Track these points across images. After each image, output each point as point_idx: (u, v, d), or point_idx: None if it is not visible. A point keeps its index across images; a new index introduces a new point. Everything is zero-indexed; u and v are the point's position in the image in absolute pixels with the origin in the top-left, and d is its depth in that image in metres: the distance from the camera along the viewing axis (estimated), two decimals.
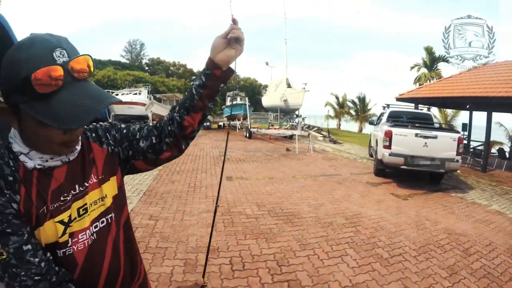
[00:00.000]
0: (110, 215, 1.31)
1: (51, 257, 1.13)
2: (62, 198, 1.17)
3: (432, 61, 37.47)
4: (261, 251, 5.01)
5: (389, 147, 9.95)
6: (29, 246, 1.06)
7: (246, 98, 29.41)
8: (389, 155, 9.91)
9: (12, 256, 1.04)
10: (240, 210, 6.92)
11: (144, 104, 26.87)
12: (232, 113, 32.40)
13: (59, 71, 0.99)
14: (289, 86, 28.23)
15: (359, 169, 12.64)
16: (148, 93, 30.70)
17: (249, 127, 24.38)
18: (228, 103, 37.08)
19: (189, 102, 1.35)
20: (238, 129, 29.84)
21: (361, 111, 44.81)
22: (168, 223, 5.96)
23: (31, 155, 1.13)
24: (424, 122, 11.90)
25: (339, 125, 47.35)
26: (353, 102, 46.50)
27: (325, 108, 48.68)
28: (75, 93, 1.02)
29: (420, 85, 32.42)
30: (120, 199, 1.37)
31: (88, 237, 1.22)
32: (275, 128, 25.37)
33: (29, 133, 1.09)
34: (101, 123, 1.43)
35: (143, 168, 1.47)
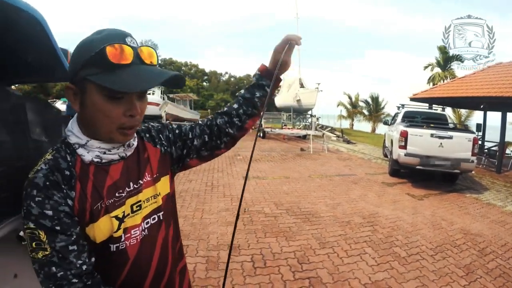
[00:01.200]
0: (161, 213, 1.34)
1: (93, 262, 1.13)
2: (117, 195, 1.19)
3: (445, 61, 37.04)
4: (282, 249, 5.11)
5: (404, 147, 9.94)
6: (75, 247, 1.07)
7: None
8: (405, 155, 9.90)
9: (55, 253, 1.04)
10: (258, 209, 7.04)
11: (158, 104, 27.09)
12: None
13: (130, 50, 1.06)
14: (302, 86, 28.18)
15: (374, 169, 12.67)
16: (161, 93, 30.91)
17: (262, 127, 24.39)
18: None
19: (251, 109, 1.53)
20: (252, 129, 29.77)
21: (374, 111, 44.38)
22: (188, 221, 6.09)
23: (89, 146, 1.16)
24: (439, 122, 11.84)
25: (352, 125, 46.96)
26: (366, 101, 46.11)
27: (338, 108, 48.33)
28: (141, 69, 1.08)
29: (433, 85, 32.16)
30: (170, 197, 1.42)
31: (140, 232, 1.25)
32: (288, 128, 25.31)
33: (91, 112, 1.11)
34: (152, 124, 1.50)
35: (197, 164, 1.57)
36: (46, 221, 1.02)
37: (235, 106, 1.54)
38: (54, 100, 33.71)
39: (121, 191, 1.20)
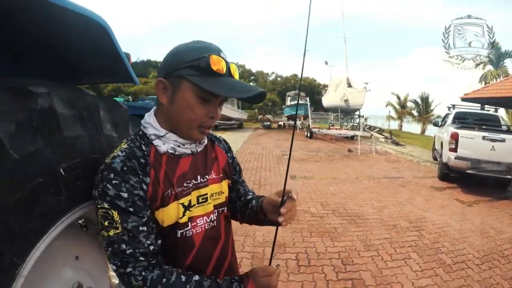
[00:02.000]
0: (224, 208, 1.49)
1: (160, 244, 1.24)
2: (185, 184, 1.32)
3: (498, 58, 34.02)
4: (326, 249, 5.17)
5: (455, 150, 9.54)
6: (145, 228, 1.17)
7: (307, 98, 29.21)
8: (455, 158, 9.50)
9: (126, 232, 1.14)
10: (305, 209, 7.13)
11: None
12: (293, 113, 32.33)
13: (224, 63, 1.21)
14: (349, 85, 27.84)
15: (422, 173, 12.36)
16: None
17: (310, 127, 24.30)
18: (288, 102, 36.99)
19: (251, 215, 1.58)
20: (299, 129, 29.57)
21: (423, 111, 42.65)
22: None
23: (166, 138, 1.28)
24: (491, 124, 11.23)
25: (401, 126, 45.47)
26: (415, 102, 44.24)
27: (386, 109, 46.96)
28: (233, 80, 1.24)
29: (485, 84, 30.67)
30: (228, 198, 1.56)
31: (205, 222, 1.38)
32: (336, 129, 25.10)
33: (179, 107, 1.23)
34: (225, 139, 1.69)
35: None
36: (121, 202, 1.13)
37: (252, 205, 1.59)
38: None
39: (188, 181, 1.34)
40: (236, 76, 1.28)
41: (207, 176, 1.42)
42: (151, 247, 1.19)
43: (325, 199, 7.99)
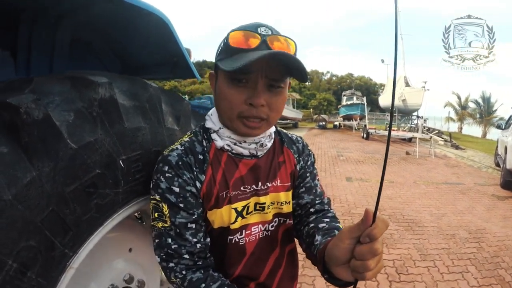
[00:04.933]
0: (285, 219, 1.35)
1: (208, 243, 1.19)
2: (242, 189, 1.22)
3: None
4: None
5: None
6: (193, 225, 1.13)
7: (364, 98, 28.77)
8: None
9: (174, 227, 1.11)
10: (360, 212, 6.90)
11: None
12: (348, 113, 31.96)
13: (254, 37, 1.05)
14: (407, 84, 27.22)
15: (483, 179, 11.68)
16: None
17: (366, 127, 23.92)
18: (344, 102, 36.51)
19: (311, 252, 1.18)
20: (355, 129, 29.15)
21: (485, 113, 40.79)
22: None
23: (220, 133, 1.21)
24: None
25: (461, 128, 43.53)
26: (476, 102, 42.52)
27: (445, 109, 45.16)
28: (259, 53, 1.00)
29: None
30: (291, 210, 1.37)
31: (259, 231, 1.29)
32: (393, 130, 24.56)
33: (217, 97, 1.17)
34: (304, 143, 1.47)
35: None
36: (171, 196, 1.11)
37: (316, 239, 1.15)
38: None
39: (247, 186, 1.24)
40: (280, 49, 1.06)
41: (268, 184, 1.28)
42: (198, 245, 1.15)
43: (381, 203, 7.58)
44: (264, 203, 1.28)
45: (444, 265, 4.92)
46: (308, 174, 1.40)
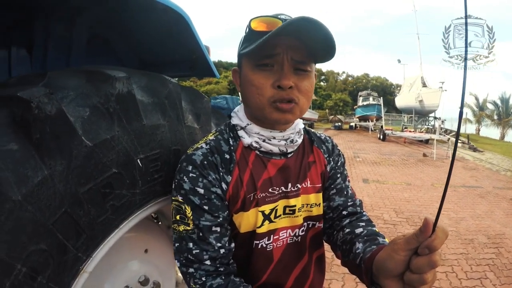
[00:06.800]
0: (315, 223, 1.29)
1: (232, 248, 1.13)
2: (270, 190, 1.16)
3: None
4: None
5: None
6: (218, 229, 1.07)
7: (381, 98, 28.56)
8: None
9: (197, 231, 1.05)
10: (377, 215, 6.87)
11: None
12: (365, 113, 31.79)
13: (274, 20, 1.02)
14: (424, 85, 26.95)
15: (502, 183, 11.45)
16: None
17: (383, 128, 23.73)
18: (360, 103, 36.36)
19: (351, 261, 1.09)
20: (371, 130, 29.03)
21: (504, 114, 40.02)
22: None
23: (248, 129, 1.16)
24: None
25: (478, 130, 42.97)
26: (494, 103, 41.71)
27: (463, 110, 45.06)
28: (279, 32, 0.96)
29: None
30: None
31: (288, 236, 1.22)
32: (410, 131, 24.34)
33: (244, 87, 1.13)
34: (334, 143, 1.43)
35: None
36: (195, 198, 1.06)
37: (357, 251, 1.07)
38: None
39: (276, 188, 1.18)
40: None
41: (298, 185, 1.22)
42: (221, 250, 1.08)
43: (399, 206, 7.65)
44: (295, 206, 1.22)
45: (463, 270, 4.83)
46: (338, 175, 1.35)
